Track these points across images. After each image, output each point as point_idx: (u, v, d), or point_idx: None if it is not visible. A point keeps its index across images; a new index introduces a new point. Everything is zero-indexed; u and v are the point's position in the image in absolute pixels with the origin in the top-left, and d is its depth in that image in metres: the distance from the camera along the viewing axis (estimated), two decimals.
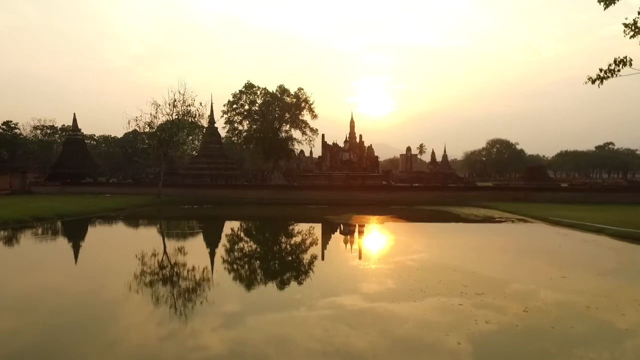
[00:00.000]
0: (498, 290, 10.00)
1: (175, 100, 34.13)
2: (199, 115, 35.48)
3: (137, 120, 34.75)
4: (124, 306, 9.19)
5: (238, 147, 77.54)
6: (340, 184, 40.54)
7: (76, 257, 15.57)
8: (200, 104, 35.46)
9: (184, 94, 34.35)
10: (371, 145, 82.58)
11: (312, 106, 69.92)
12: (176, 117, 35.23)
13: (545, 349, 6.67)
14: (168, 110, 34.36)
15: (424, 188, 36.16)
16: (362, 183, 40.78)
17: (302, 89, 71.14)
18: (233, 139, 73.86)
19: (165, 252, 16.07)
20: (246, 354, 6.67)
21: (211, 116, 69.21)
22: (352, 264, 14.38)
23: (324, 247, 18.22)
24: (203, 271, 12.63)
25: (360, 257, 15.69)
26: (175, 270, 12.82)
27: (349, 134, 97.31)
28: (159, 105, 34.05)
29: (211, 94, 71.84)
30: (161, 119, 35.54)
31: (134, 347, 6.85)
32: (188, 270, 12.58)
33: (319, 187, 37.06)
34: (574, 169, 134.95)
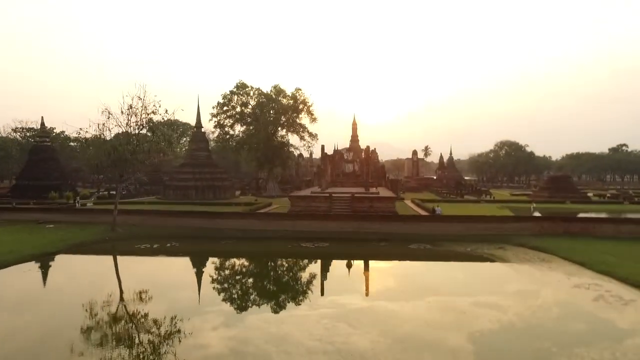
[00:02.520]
0: None
1: (131, 107, 25.94)
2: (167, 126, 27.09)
3: (79, 133, 26.49)
4: None
5: (233, 150, 69.15)
6: (344, 208, 32.37)
7: None
8: (166, 110, 27.16)
9: (144, 99, 26.18)
10: (375, 150, 74.43)
11: (310, 108, 61.87)
12: (138, 127, 27.03)
13: None
14: (123, 120, 26.18)
15: (450, 219, 27.92)
16: (371, 206, 32.62)
17: (300, 90, 63.11)
18: (224, 143, 65.70)
19: None
20: None
21: (198, 120, 60.98)
22: None
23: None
24: None
25: None
26: None
27: (352, 136, 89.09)
28: (111, 114, 25.86)
29: (197, 95, 61.55)
30: (121, 129, 27.33)
31: None
32: None
33: (318, 216, 28.86)
34: (587, 172, 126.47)
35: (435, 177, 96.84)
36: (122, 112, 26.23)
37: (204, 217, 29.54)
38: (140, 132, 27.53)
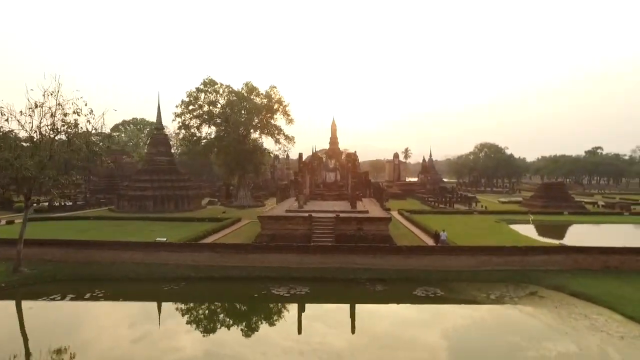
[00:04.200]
0: None
1: (36, 105, 18.55)
2: (87, 128, 19.56)
3: None
4: None
5: (200, 154, 61.23)
6: (327, 232, 25.84)
7: None
8: (91, 111, 19.76)
9: (56, 95, 18.81)
10: (355, 152, 68.07)
11: (287, 108, 54.92)
12: (52, 132, 19.60)
13: None
14: (25, 121, 18.68)
15: (460, 250, 21.78)
16: (359, 228, 26.24)
17: (275, 88, 56.01)
18: (189, 147, 57.92)
19: None
20: None
21: (158, 120, 53.28)
22: None
23: None
24: None
25: None
26: None
27: (331, 138, 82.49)
28: (3, 114, 18.35)
29: (158, 92, 53.52)
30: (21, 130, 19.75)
31: None
32: None
33: (293, 248, 22.15)
34: (565, 175, 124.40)
35: (417, 181, 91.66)
36: (21, 112, 18.72)
37: (146, 249, 22.38)
38: (57, 138, 20.05)
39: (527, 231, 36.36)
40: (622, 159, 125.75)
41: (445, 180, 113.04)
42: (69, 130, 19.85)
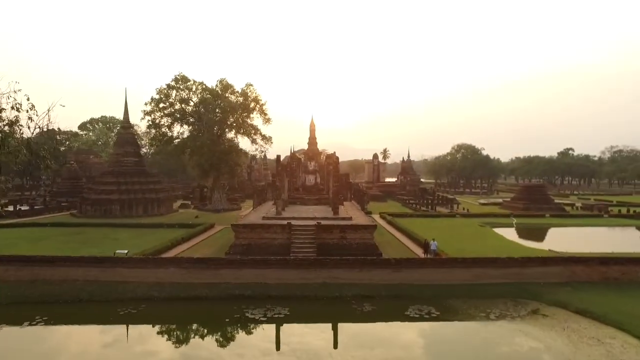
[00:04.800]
0: None
1: None
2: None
3: None
4: None
5: (172, 154, 57.73)
6: (308, 242, 23.57)
7: None
8: (33, 107, 16.69)
9: None
10: (335, 153, 65.94)
11: (264, 107, 52.22)
12: None
13: None
14: None
15: (453, 263, 19.92)
16: (342, 237, 24.14)
17: (252, 85, 53.08)
18: (160, 147, 54.43)
19: None
20: None
21: (125, 118, 49.71)
22: None
23: None
24: None
25: None
26: None
27: (309, 138, 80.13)
28: None
29: (125, 88, 49.64)
30: None
31: None
32: None
33: (271, 263, 19.75)
34: (538, 176, 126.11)
35: (396, 182, 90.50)
36: None
37: (102, 265, 19.53)
38: None
39: (512, 235, 35.26)
40: (592, 160, 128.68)
41: (423, 180, 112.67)
42: (5, 129, 16.79)
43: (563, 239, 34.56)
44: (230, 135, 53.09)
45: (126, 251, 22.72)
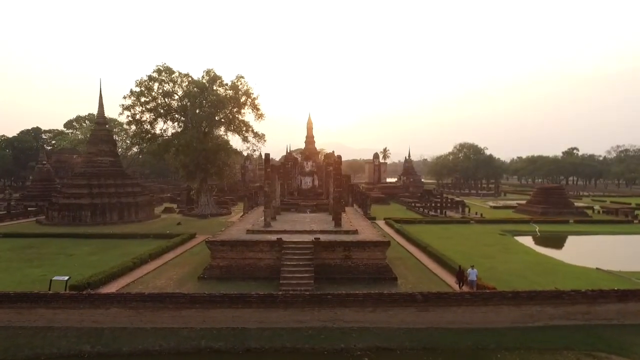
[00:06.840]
0: None
1: None
2: None
3: None
4: None
5: (155, 154, 51.57)
6: (303, 264, 18.20)
7: None
8: None
9: None
10: (333, 152, 60.58)
11: (256, 102, 46.82)
12: None
13: None
14: None
15: (499, 298, 14.45)
16: (347, 257, 18.84)
17: (243, 78, 47.67)
18: (142, 145, 48.95)
19: None
20: None
21: (100, 112, 44.04)
22: None
23: None
24: None
25: None
26: None
27: (307, 137, 74.66)
28: None
29: (100, 79, 43.80)
30: None
31: None
32: None
33: (252, 300, 14.37)
34: (544, 176, 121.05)
35: (398, 183, 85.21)
36: None
37: (17, 304, 14.08)
38: None
39: (540, 246, 30.18)
40: (597, 160, 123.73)
41: (423, 181, 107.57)
42: None
43: (604, 252, 29.38)
44: (220, 132, 47.75)
45: (67, 277, 17.29)
